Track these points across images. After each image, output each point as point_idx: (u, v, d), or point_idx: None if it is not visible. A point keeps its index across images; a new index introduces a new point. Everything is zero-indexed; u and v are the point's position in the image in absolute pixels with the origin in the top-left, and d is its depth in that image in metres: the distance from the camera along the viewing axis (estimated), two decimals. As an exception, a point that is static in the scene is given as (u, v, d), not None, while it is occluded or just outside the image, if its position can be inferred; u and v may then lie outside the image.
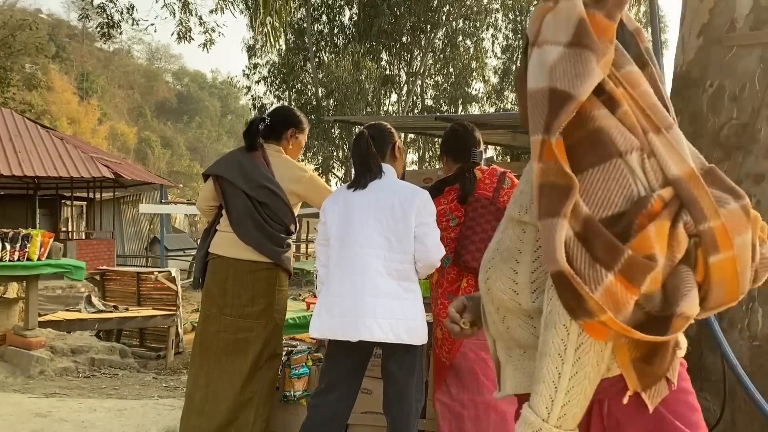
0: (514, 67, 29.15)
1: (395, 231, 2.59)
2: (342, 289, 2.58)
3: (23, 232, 4.74)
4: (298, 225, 3.16)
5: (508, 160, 16.60)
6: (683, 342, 1.13)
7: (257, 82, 25.35)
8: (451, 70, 26.23)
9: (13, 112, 18.26)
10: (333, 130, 23.53)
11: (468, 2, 24.98)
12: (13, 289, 5.46)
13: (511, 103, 28.98)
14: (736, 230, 1.05)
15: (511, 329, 1.24)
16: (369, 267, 2.56)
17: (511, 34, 28.84)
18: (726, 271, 1.04)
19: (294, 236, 3.17)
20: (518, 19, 28.21)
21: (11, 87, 21.85)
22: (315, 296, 3.79)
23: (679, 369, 1.14)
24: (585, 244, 1.01)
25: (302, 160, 25.14)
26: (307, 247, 25.69)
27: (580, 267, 1.00)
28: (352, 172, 2.75)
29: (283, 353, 3.44)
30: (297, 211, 3.15)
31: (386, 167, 2.72)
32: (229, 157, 3.14)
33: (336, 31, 25.20)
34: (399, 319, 2.55)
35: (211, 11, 13.09)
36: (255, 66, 25.36)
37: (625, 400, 1.11)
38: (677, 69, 3.66)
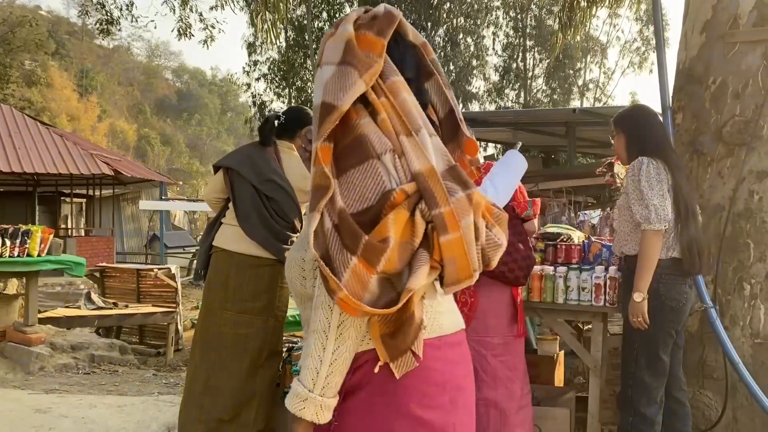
0: (515, 65, 29.11)
1: None
2: None
3: (23, 228, 4.73)
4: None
5: (509, 157, 16.57)
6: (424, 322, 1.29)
7: (257, 80, 25.31)
8: (451, 67, 26.18)
9: (12, 109, 18.22)
10: (333, 128, 23.47)
11: (468, 0, 24.92)
12: (12, 286, 5.45)
13: (511, 101, 28.95)
14: (462, 214, 1.22)
15: (305, 313, 1.41)
16: None
17: (512, 32, 28.79)
18: (455, 249, 1.22)
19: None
20: (519, 16, 28.16)
21: (11, 84, 21.83)
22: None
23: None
24: (339, 233, 1.20)
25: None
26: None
27: (334, 253, 1.19)
28: None
29: (284, 350, 3.43)
30: (304, 210, 3.14)
31: None
32: (241, 150, 3.16)
33: (336, 28, 25.10)
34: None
35: (212, 8, 13.04)
36: (255, 63, 25.31)
37: (376, 369, 1.28)
38: (680, 65, 3.65)
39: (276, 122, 3.09)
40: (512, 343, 2.90)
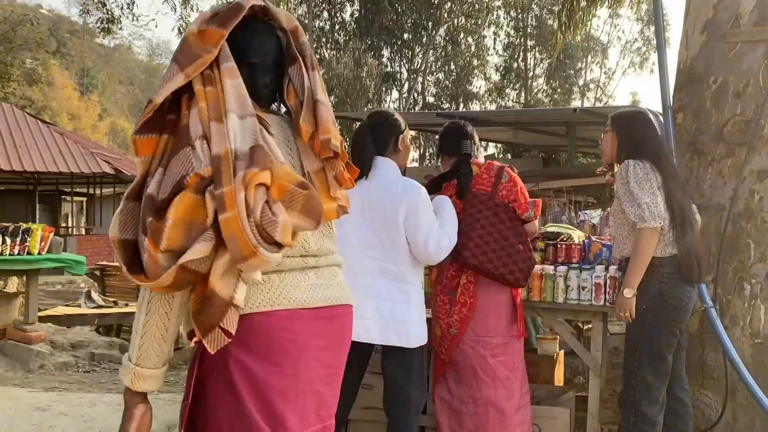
0: (515, 65, 29.09)
1: (387, 232, 2.53)
2: None
3: (23, 226, 4.73)
4: None
5: (509, 157, 16.58)
6: (240, 300, 1.34)
7: (258, 79, 25.22)
8: (452, 67, 26.17)
9: (13, 108, 18.23)
10: (334, 127, 23.46)
11: (469, 0, 24.91)
12: (13, 284, 5.46)
13: (512, 100, 28.94)
14: (238, 191, 1.27)
15: None
16: (361, 268, 2.50)
17: (512, 32, 28.77)
18: (233, 227, 1.26)
19: None
20: (520, 16, 28.14)
21: (12, 82, 21.83)
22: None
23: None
24: (142, 217, 1.32)
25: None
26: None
27: (140, 237, 1.32)
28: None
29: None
30: None
31: (381, 161, 2.60)
32: None
33: (337, 27, 25.15)
34: (388, 320, 2.50)
35: (213, 7, 13.05)
36: (256, 62, 25.23)
37: (191, 344, 1.45)
38: (681, 65, 3.65)
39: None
40: (512, 343, 2.89)
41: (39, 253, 4.79)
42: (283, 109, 1.62)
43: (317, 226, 1.40)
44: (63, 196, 20.57)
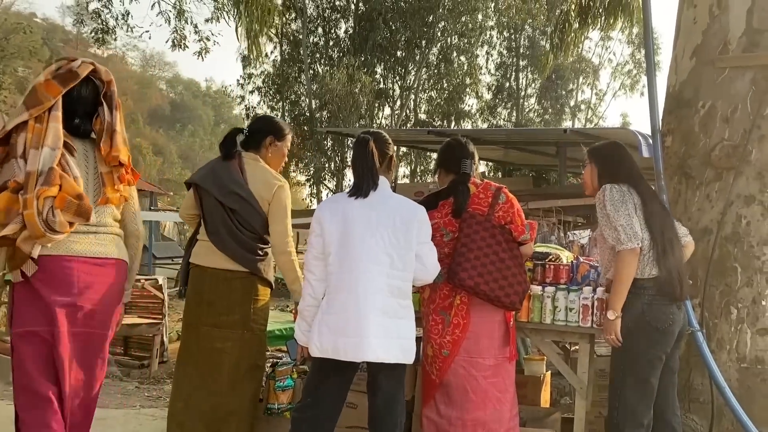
0: (507, 84, 29.31)
1: (397, 248, 2.56)
2: (345, 307, 2.53)
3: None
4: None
5: (500, 175, 16.64)
6: (35, 253, 2.32)
7: (251, 92, 25.32)
8: (445, 85, 26.32)
9: (3, 116, 18.10)
10: (326, 142, 23.52)
11: (463, 19, 25.12)
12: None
13: (504, 119, 29.11)
14: (33, 199, 2.24)
15: None
16: (372, 285, 2.52)
17: (505, 52, 29.03)
18: (30, 219, 2.23)
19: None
20: (513, 36, 28.43)
21: (3, 90, 21.70)
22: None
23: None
24: None
25: (294, 171, 25.03)
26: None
27: None
28: (345, 182, 2.73)
29: (268, 365, 3.39)
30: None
31: (382, 179, 2.68)
32: (207, 164, 3.16)
33: (331, 43, 25.26)
34: (394, 338, 2.53)
35: (207, 20, 13.10)
36: (249, 76, 25.34)
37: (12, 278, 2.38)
38: (670, 89, 3.68)
39: (239, 136, 3.08)
40: (504, 364, 2.88)
41: (23, 263, 4.74)
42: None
43: (88, 220, 2.38)
44: (51, 206, 20.35)
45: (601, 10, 8.80)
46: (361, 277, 2.53)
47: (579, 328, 3.01)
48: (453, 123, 25.78)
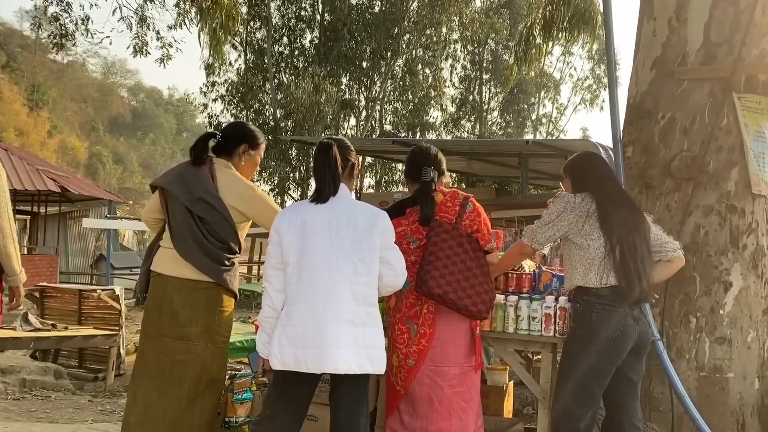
0: (471, 97, 29.61)
1: (359, 254, 2.50)
2: (304, 318, 2.46)
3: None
4: (243, 244, 3.01)
5: (464, 186, 16.75)
6: None
7: (214, 101, 25.04)
8: (410, 97, 26.49)
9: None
10: (290, 151, 23.38)
11: (428, 32, 25.36)
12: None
13: (467, 132, 29.39)
14: None
15: None
16: (332, 292, 2.46)
17: (469, 65, 29.36)
18: None
19: (239, 256, 3.01)
20: (477, 50, 28.77)
21: (-45, 94, 21.05)
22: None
23: None
24: None
25: (258, 180, 24.82)
26: (258, 269, 25.22)
27: None
28: (309, 192, 2.69)
29: (227, 377, 3.30)
30: (246, 230, 3.02)
31: (342, 186, 2.63)
32: (174, 168, 3.03)
33: (296, 53, 25.20)
34: (361, 348, 2.46)
35: (170, 27, 12.89)
36: (213, 84, 25.08)
37: None
38: (630, 100, 3.73)
39: (212, 140, 2.98)
40: (469, 374, 2.84)
41: (-30, 273, 4.53)
42: None
43: None
44: (4, 214, 19.75)
45: (564, 24, 8.96)
46: (321, 287, 2.46)
47: (541, 337, 3.00)
48: (418, 134, 25.93)
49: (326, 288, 2.46)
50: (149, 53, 12.27)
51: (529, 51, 10.72)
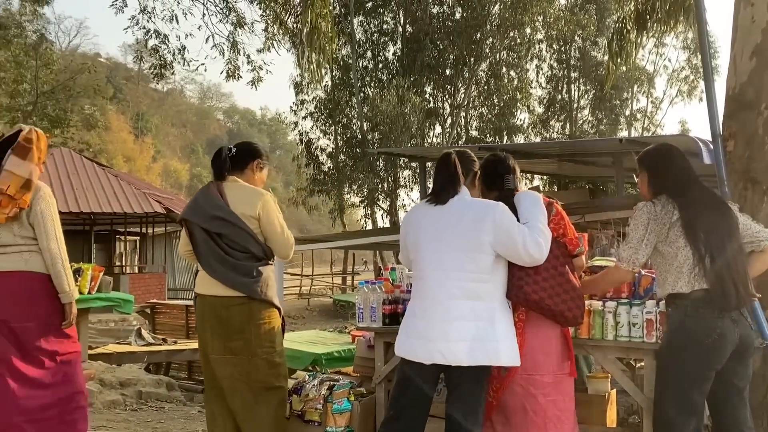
0: (559, 97, 28.91)
1: (468, 250, 2.55)
2: (418, 312, 2.61)
3: (74, 266, 4.85)
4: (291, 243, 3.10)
5: (555, 189, 16.35)
6: None
7: (304, 118, 25.80)
8: (495, 101, 26.19)
9: (71, 152, 19.03)
10: (378, 163, 23.68)
11: (511, 34, 25.01)
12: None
13: (557, 132, 28.69)
14: None
15: None
16: (441, 290, 2.55)
17: (555, 64, 28.70)
18: None
19: (271, 264, 3.09)
20: (563, 48, 28.08)
21: (71, 127, 22.84)
22: (358, 329, 3.73)
23: None
24: None
25: (348, 193, 25.21)
26: (352, 280, 25.66)
27: None
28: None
29: (324, 388, 3.38)
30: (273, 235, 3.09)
31: (464, 189, 2.70)
32: (192, 198, 3.21)
33: (380, 66, 25.54)
34: (474, 341, 2.49)
35: (259, 50, 13.43)
36: (302, 102, 25.84)
37: None
38: (729, 91, 3.54)
39: (228, 154, 3.10)
40: (563, 381, 2.78)
41: (89, 293, 4.90)
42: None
43: None
44: (117, 236, 21.21)
45: (659, 15, 8.55)
46: (431, 284, 2.57)
47: (643, 344, 2.88)
48: (505, 138, 25.58)
49: (435, 285, 2.56)
50: (241, 77, 12.83)
51: (624, 45, 10.30)
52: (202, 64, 25.56)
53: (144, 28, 12.61)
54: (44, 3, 20.79)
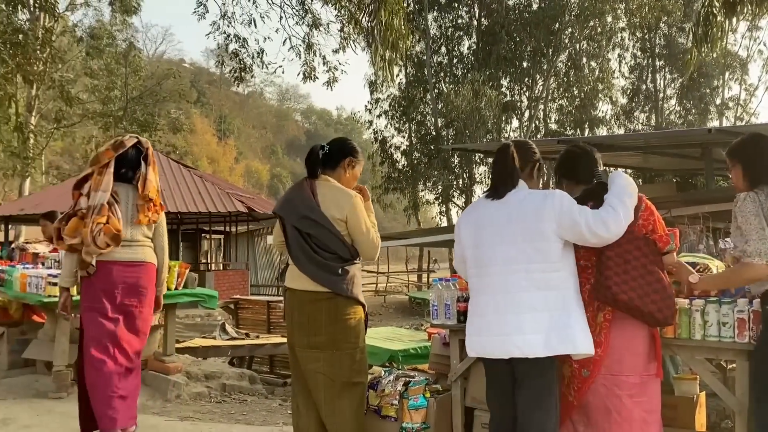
0: (644, 87, 27.79)
1: (531, 241, 2.52)
2: (486, 309, 2.59)
3: (162, 263, 5.07)
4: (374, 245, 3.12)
5: (641, 182, 15.73)
6: (93, 261, 3.57)
7: (378, 116, 25.99)
8: (575, 92, 25.49)
9: (159, 154, 19.89)
10: (452, 160, 23.53)
11: (591, 23, 24.25)
12: (154, 317, 5.84)
13: (641, 124, 27.59)
14: (89, 223, 3.47)
15: None
16: (509, 283, 2.54)
17: (639, 53, 27.62)
18: (86, 236, 3.48)
19: (358, 263, 3.12)
20: (647, 36, 26.98)
21: (158, 131, 23.95)
22: (433, 326, 3.72)
23: None
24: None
25: (422, 191, 25.20)
26: (428, 277, 25.63)
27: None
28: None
29: (400, 383, 3.39)
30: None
31: (522, 183, 2.65)
32: (284, 194, 3.28)
33: (455, 61, 25.38)
34: (549, 331, 2.46)
35: (335, 51, 13.64)
36: (377, 101, 26.04)
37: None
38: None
39: (320, 153, 3.14)
40: (650, 383, 2.67)
41: (176, 288, 5.11)
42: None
43: (118, 245, 3.51)
44: (202, 234, 22.08)
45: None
46: (497, 279, 2.55)
47: (734, 344, 2.72)
48: (587, 131, 24.86)
49: (502, 280, 2.54)
50: (317, 77, 13.06)
51: (710, 31, 9.77)
52: (280, 66, 26.30)
53: (224, 33, 13.08)
54: (133, 12, 21.89)
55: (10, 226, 17.68)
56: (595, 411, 2.65)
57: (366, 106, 26.52)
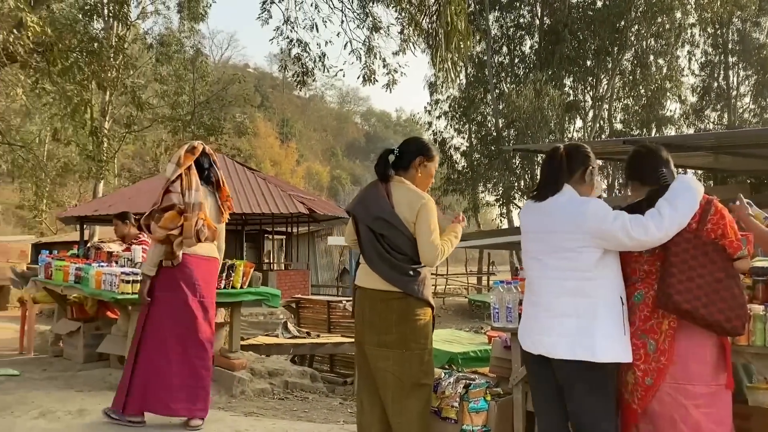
0: (715, 84, 26.72)
1: (565, 250, 2.53)
2: (528, 309, 2.71)
3: (229, 262, 5.22)
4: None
5: (711, 184, 15.14)
6: (179, 252, 3.93)
7: (438, 117, 25.92)
8: (641, 91, 24.73)
9: (225, 157, 20.48)
10: (514, 161, 23.23)
11: (659, 20, 23.49)
12: (220, 315, 6.02)
13: (712, 123, 26.54)
14: (193, 217, 3.91)
15: None
16: (543, 287, 2.60)
17: (710, 49, 26.56)
18: (187, 229, 3.87)
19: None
20: (719, 32, 25.93)
21: (224, 135, 24.64)
22: (494, 329, 3.69)
23: None
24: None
25: (482, 192, 24.96)
26: (487, 279, 25.37)
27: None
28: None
29: (461, 386, 3.39)
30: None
31: (567, 187, 2.61)
32: (359, 192, 3.28)
33: (516, 61, 25.06)
34: (575, 336, 2.48)
35: (394, 53, 13.71)
36: (436, 102, 25.98)
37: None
38: None
39: (391, 156, 3.14)
40: (719, 393, 2.56)
41: (241, 287, 5.26)
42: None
43: (214, 240, 4.05)
44: (265, 235, 22.56)
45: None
46: (535, 282, 2.64)
47: (815, 354, 2.60)
48: (654, 130, 24.10)
49: (538, 284, 2.62)
50: (377, 80, 13.13)
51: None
52: (341, 69, 26.65)
53: (287, 37, 13.30)
54: (200, 19, 22.57)
55: (85, 226, 18.53)
56: (661, 420, 2.57)
57: (425, 107, 26.52)
